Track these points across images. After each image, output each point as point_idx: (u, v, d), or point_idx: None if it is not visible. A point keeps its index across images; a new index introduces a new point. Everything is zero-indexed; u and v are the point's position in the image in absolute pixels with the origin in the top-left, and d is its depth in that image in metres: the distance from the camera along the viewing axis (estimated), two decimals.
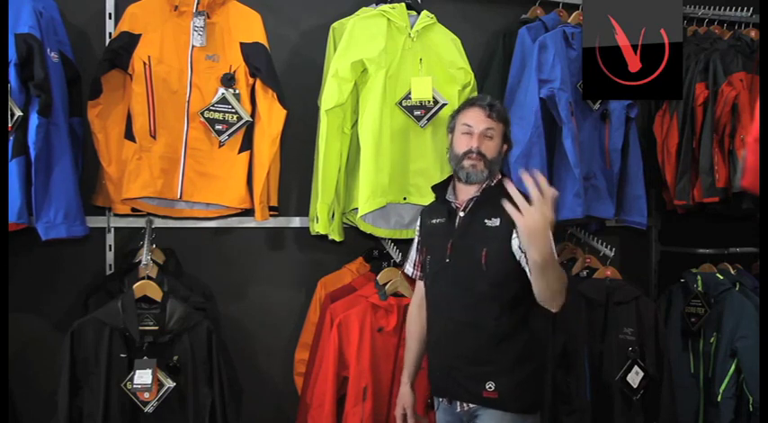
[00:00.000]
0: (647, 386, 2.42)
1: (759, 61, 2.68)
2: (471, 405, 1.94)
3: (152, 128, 2.25)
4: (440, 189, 2.09)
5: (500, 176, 2.03)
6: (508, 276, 1.91)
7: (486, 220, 1.94)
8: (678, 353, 2.76)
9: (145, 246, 2.19)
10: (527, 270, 1.82)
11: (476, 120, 1.98)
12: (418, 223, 2.17)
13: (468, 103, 2.05)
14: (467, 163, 1.96)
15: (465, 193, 2.01)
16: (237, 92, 2.33)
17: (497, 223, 1.92)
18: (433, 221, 2.07)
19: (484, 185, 1.99)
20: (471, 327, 1.92)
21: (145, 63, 2.23)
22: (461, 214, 2.00)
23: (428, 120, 2.42)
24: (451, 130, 2.06)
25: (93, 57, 2.33)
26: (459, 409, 1.97)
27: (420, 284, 2.17)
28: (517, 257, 1.88)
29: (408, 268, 2.21)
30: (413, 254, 2.20)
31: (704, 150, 2.67)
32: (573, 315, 2.44)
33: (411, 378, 2.14)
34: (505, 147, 2.05)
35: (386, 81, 2.36)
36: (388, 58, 2.37)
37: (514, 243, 1.89)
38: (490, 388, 1.90)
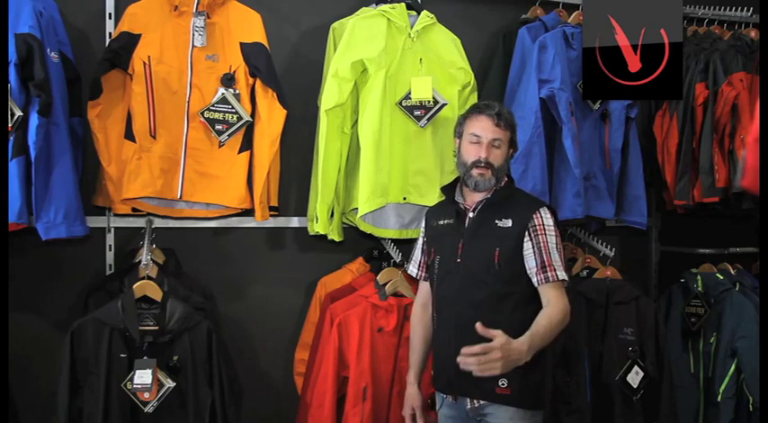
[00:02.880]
0: (647, 386, 2.42)
1: (759, 61, 2.68)
2: (482, 401, 1.96)
3: (152, 128, 2.25)
4: (448, 190, 2.12)
5: (506, 180, 2.08)
6: (521, 275, 1.96)
7: (497, 221, 1.98)
8: (678, 353, 2.76)
9: (145, 246, 2.19)
10: (535, 281, 1.94)
11: (484, 130, 2.01)
12: (423, 225, 2.19)
13: (476, 111, 2.06)
14: (475, 172, 2.00)
15: (474, 196, 2.05)
16: (237, 92, 2.33)
17: (509, 224, 1.97)
18: (441, 222, 2.10)
19: (494, 188, 2.03)
20: (484, 324, 1.92)
21: (145, 63, 2.23)
22: (471, 215, 2.03)
23: (428, 120, 2.42)
24: (459, 135, 2.09)
25: (93, 57, 2.33)
26: (468, 406, 1.99)
27: (424, 285, 2.19)
28: (528, 268, 1.95)
29: (412, 269, 2.22)
30: (417, 255, 2.21)
31: (704, 150, 2.67)
32: (573, 315, 2.44)
33: (418, 378, 2.16)
34: (511, 151, 2.09)
35: (386, 81, 2.36)
36: (388, 58, 2.37)
37: (526, 246, 1.95)
38: (503, 384, 1.92)
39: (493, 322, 1.91)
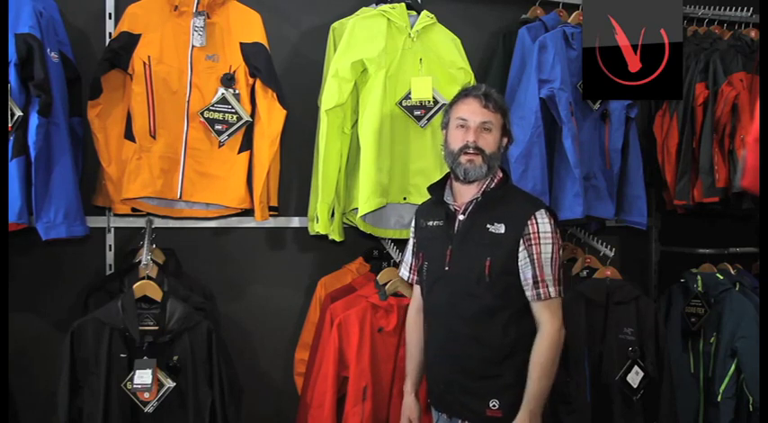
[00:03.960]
0: (647, 386, 2.42)
1: (759, 61, 2.68)
2: None
3: (152, 128, 2.25)
4: (437, 189, 1.97)
5: (501, 176, 1.93)
6: (515, 287, 1.83)
7: (488, 226, 1.83)
8: (678, 353, 2.76)
9: (145, 246, 2.19)
10: (528, 296, 1.84)
11: (471, 112, 1.85)
12: (413, 224, 2.08)
13: (462, 95, 1.90)
14: (463, 158, 1.83)
15: (464, 195, 1.91)
16: (237, 92, 2.33)
17: (502, 230, 1.82)
18: (430, 223, 1.97)
19: (484, 187, 1.88)
20: (475, 340, 1.83)
21: (145, 63, 2.23)
22: (461, 217, 1.89)
23: (428, 120, 2.42)
24: (445, 125, 1.94)
25: (93, 57, 2.33)
26: None
27: (417, 289, 2.09)
28: (522, 280, 1.83)
29: (404, 272, 2.13)
30: (408, 257, 2.11)
31: (704, 150, 2.67)
32: (573, 315, 2.44)
33: (415, 387, 2.07)
34: (506, 140, 1.93)
35: (386, 81, 2.36)
36: (388, 58, 2.37)
37: (521, 255, 1.82)
38: (494, 406, 1.81)
39: (484, 338, 1.82)
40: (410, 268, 2.11)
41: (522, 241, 1.81)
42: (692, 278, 2.80)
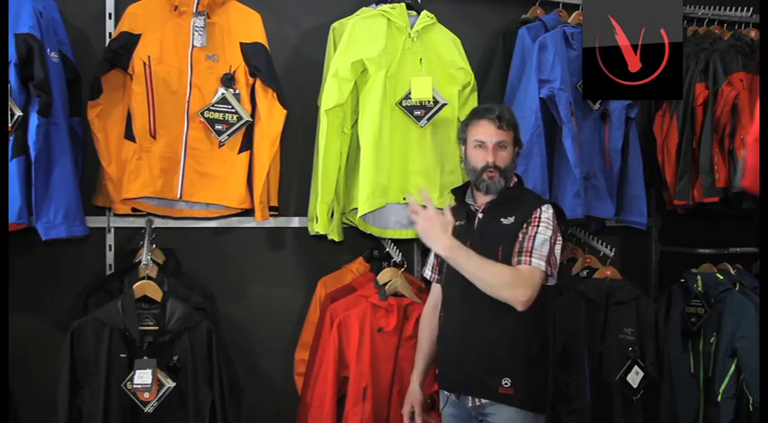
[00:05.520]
0: (647, 386, 2.42)
1: (759, 61, 2.68)
2: (484, 400, 1.96)
3: (152, 128, 2.25)
4: (459, 192, 2.16)
5: (516, 180, 2.11)
6: None
7: (502, 219, 2.01)
8: (678, 353, 2.76)
9: (145, 246, 2.18)
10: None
11: (487, 134, 2.03)
12: None
13: (477, 116, 2.08)
14: (486, 176, 2.03)
15: (484, 197, 2.08)
16: (237, 92, 2.33)
17: (512, 221, 1.99)
18: (454, 224, 2.11)
19: (502, 189, 2.06)
20: (490, 322, 1.95)
21: (145, 63, 2.23)
22: (480, 216, 2.06)
23: (428, 120, 2.42)
24: (463, 141, 2.12)
25: (93, 57, 2.33)
26: (470, 404, 1.98)
27: (436, 287, 2.20)
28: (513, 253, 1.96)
29: (427, 272, 2.25)
30: (431, 258, 2.23)
31: (704, 150, 2.67)
32: (573, 315, 2.44)
33: (421, 377, 2.17)
34: (517, 149, 2.11)
35: (386, 81, 2.36)
36: (388, 58, 2.37)
37: (519, 235, 1.96)
38: (506, 384, 1.92)
39: (495, 323, 1.94)
40: (432, 267, 2.24)
41: (524, 225, 1.97)
42: (692, 278, 2.80)
